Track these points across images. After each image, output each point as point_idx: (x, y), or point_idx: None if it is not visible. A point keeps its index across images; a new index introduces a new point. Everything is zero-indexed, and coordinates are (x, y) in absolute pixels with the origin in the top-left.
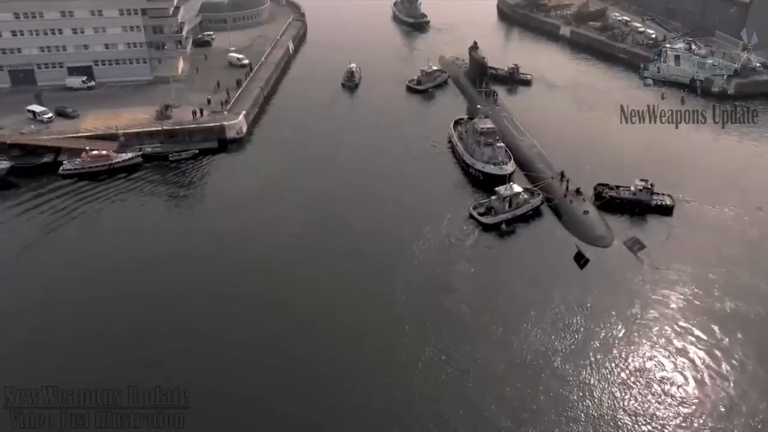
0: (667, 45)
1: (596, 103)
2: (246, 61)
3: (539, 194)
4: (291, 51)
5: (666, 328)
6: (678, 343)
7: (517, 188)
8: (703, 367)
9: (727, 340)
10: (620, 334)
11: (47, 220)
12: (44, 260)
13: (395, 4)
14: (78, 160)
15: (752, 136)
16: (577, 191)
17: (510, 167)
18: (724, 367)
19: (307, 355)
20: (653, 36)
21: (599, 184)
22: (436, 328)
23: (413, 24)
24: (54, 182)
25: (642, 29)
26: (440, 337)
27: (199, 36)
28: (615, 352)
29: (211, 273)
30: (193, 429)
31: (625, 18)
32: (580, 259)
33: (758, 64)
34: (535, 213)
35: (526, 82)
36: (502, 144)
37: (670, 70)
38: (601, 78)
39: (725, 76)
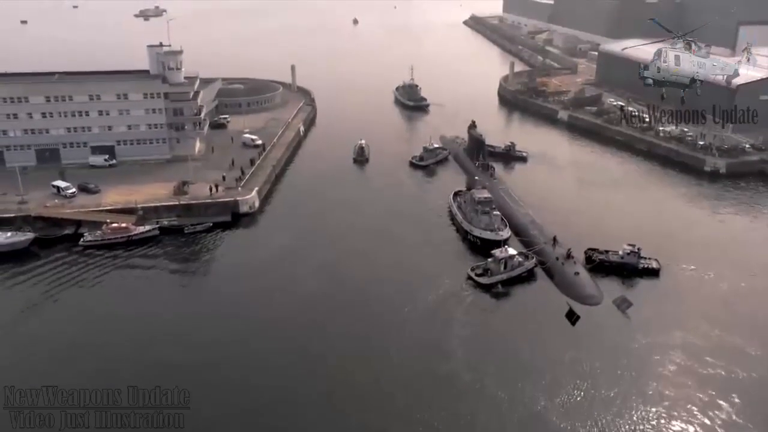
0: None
1: (590, 178)
2: (259, 142)
3: (533, 257)
4: (302, 133)
5: (657, 385)
6: (671, 401)
7: (511, 251)
8: (698, 426)
9: (719, 400)
10: (613, 393)
11: (64, 286)
12: (56, 315)
13: (397, 89)
14: (98, 232)
15: (747, 212)
16: (569, 255)
17: (505, 233)
18: (720, 428)
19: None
20: (647, 120)
21: (589, 249)
22: (433, 389)
23: (414, 107)
24: (74, 253)
25: (636, 113)
26: (437, 400)
27: (215, 119)
28: (611, 410)
29: (215, 328)
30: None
31: (620, 103)
32: (572, 316)
33: (748, 146)
34: (529, 275)
35: (522, 159)
36: (498, 212)
37: (670, 70)
38: (596, 157)
39: (725, 77)
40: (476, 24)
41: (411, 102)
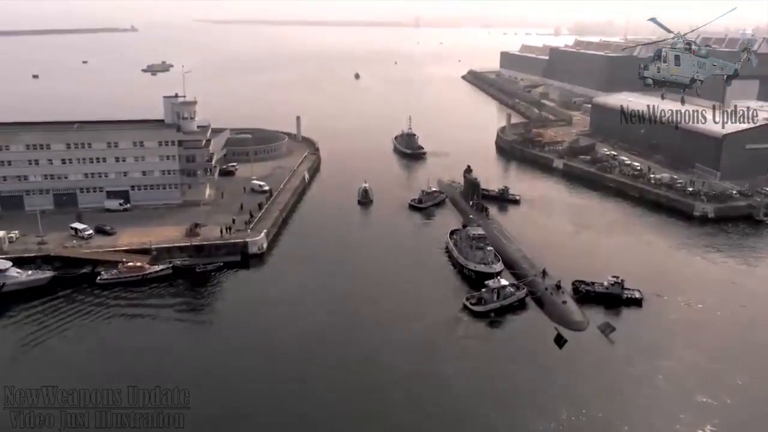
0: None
1: (581, 221)
2: (267, 188)
3: (524, 288)
4: (306, 180)
5: (642, 406)
6: (655, 421)
7: (504, 282)
8: None
9: (702, 423)
10: (602, 415)
11: (81, 319)
12: (67, 339)
13: (395, 138)
14: (114, 270)
15: (734, 252)
16: (557, 286)
17: (498, 267)
18: None
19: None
20: (639, 168)
21: (577, 280)
22: (432, 415)
23: (411, 155)
24: (91, 290)
25: (628, 162)
26: (436, 426)
27: (224, 166)
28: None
29: (222, 353)
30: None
31: (612, 152)
32: (560, 340)
33: (735, 192)
34: (521, 304)
35: (516, 202)
36: (491, 248)
37: (670, 71)
38: (588, 202)
39: (725, 77)
40: (474, 78)
41: (409, 150)
